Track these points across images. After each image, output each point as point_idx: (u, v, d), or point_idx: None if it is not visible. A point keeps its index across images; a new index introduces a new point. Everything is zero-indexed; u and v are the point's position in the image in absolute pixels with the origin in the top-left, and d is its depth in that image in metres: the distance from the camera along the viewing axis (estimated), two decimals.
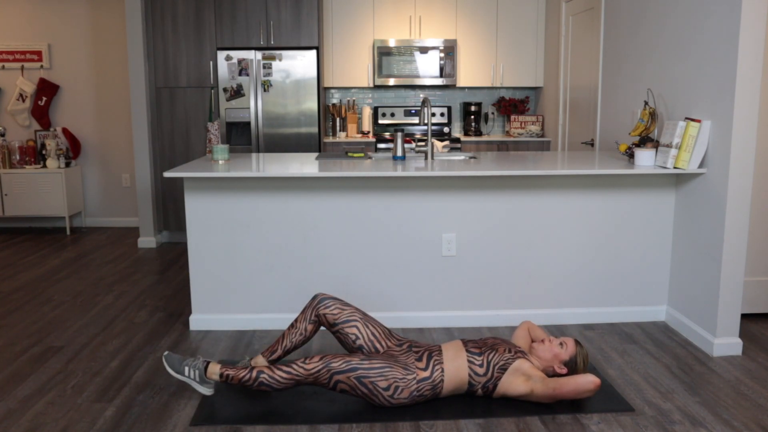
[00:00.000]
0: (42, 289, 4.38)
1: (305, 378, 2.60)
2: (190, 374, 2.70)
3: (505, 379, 2.64)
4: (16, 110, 6.34)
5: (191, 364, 2.71)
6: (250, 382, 2.62)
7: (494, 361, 2.65)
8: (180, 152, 5.66)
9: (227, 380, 2.65)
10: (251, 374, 2.62)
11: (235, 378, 2.64)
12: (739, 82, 3.02)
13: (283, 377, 2.60)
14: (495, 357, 2.66)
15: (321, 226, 3.54)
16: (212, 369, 2.69)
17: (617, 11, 4.33)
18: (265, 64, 5.53)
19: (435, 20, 6.03)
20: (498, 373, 2.64)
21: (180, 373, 2.70)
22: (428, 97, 5.17)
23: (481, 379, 2.65)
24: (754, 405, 2.70)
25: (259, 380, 2.61)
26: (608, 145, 4.52)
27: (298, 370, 2.60)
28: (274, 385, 2.61)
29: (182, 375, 2.70)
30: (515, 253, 3.60)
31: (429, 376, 2.62)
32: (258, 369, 2.62)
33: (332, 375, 2.58)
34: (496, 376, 2.64)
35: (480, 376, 2.64)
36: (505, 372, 2.64)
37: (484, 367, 2.64)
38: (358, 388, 2.58)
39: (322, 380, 2.60)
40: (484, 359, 2.66)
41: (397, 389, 2.59)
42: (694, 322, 3.42)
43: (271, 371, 2.61)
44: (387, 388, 2.58)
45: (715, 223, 3.22)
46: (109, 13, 6.29)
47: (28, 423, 2.56)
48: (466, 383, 2.66)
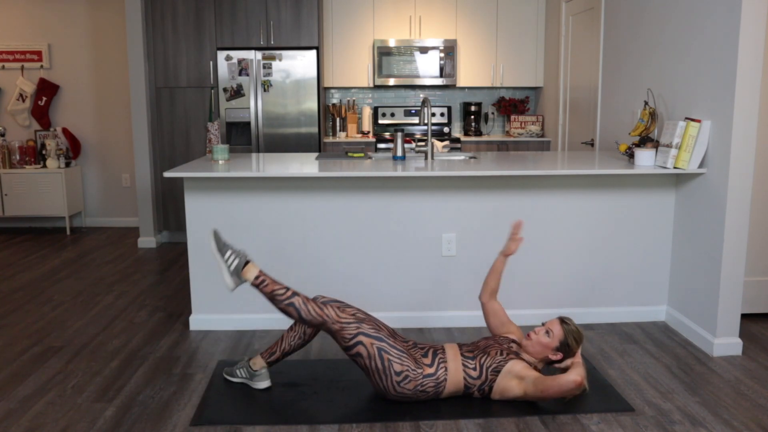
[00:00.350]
0: (42, 289, 4.38)
1: (332, 323, 2.61)
2: (229, 260, 2.66)
3: (498, 381, 2.65)
4: (16, 110, 6.34)
5: (236, 251, 2.68)
6: (282, 298, 2.62)
7: (486, 364, 2.65)
8: (180, 152, 5.66)
9: (260, 285, 2.65)
10: (287, 292, 2.64)
11: (268, 287, 2.64)
12: (739, 82, 3.02)
13: (314, 310, 2.62)
14: (487, 360, 2.66)
15: (321, 226, 3.54)
16: (250, 268, 2.67)
17: (617, 11, 4.33)
18: (265, 64, 5.53)
19: (435, 20, 6.03)
20: (492, 375, 2.65)
21: (221, 253, 2.67)
22: (428, 97, 5.17)
23: (476, 382, 2.66)
24: (754, 405, 2.70)
25: (291, 301, 2.62)
26: (608, 145, 4.52)
27: (329, 312, 2.62)
28: (301, 313, 2.62)
29: (221, 255, 2.67)
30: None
31: (434, 373, 2.63)
32: (293, 291, 2.66)
33: (358, 334, 2.60)
34: (490, 378, 2.65)
35: (474, 379, 2.65)
36: (498, 374, 2.64)
37: (478, 371, 2.65)
38: (375, 359, 2.59)
39: (346, 334, 2.60)
40: (477, 363, 2.66)
41: (406, 378, 2.60)
42: (694, 322, 3.42)
43: (305, 300, 2.64)
44: (399, 373, 2.60)
45: (715, 223, 3.22)
46: (109, 13, 6.30)
47: (28, 423, 2.56)
48: (463, 387, 2.67)
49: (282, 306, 2.65)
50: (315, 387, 2.87)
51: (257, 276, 2.66)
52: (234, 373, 2.90)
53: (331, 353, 3.28)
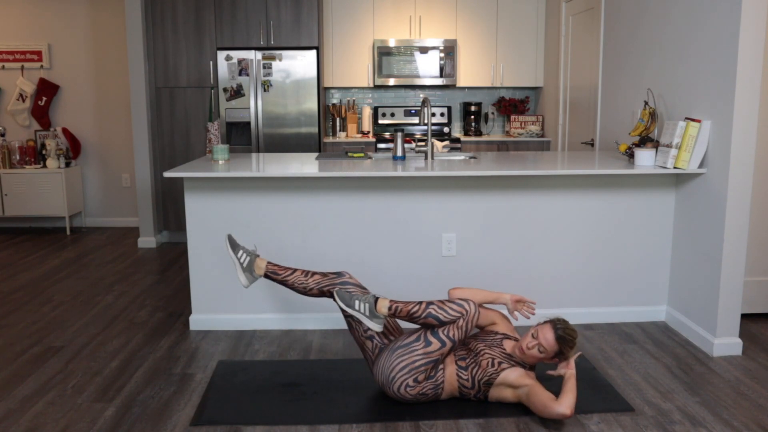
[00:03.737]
0: (42, 289, 4.38)
1: (468, 320, 2.62)
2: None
3: (492, 392, 2.65)
4: (16, 110, 6.34)
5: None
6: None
7: (478, 377, 2.64)
8: (180, 152, 5.66)
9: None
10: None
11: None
12: (739, 82, 3.02)
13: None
14: (479, 372, 2.64)
15: (321, 226, 3.54)
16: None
17: (617, 11, 4.33)
18: (265, 64, 5.53)
19: (435, 20, 6.03)
20: (484, 387, 2.65)
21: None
22: (428, 97, 5.17)
23: (470, 392, 2.67)
24: (754, 405, 2.70)
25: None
26: (608, 145, 4.52)
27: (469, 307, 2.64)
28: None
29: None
30: (515, 253, 3.60)
31: (433, 376, 2.64)
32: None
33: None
34: (483, 389, 2.66)
35: (468, 389, 2.67)
36: (490, 387, 2.64)
37: (470, 382, 2.66)
38: (430, 356, 2.61)
39: (460, 326, 2.62)
40: (469, 375, 2.65)
41: (416, 385, 2.61)
42: (694, 322, 3.42)
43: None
44: (418, 380, 2.61)
45: (715, 223, 3.22)
46: (109, 13, 6.29)
47: (28, 423, 2.56)
48: (458, 393, 2.69)
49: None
50: (315, 387, 2.87)
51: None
52: (237, 250, 2.89)
53: (331, 353, 3.28)
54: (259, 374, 3.00)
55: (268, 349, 3.33)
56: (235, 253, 2.87)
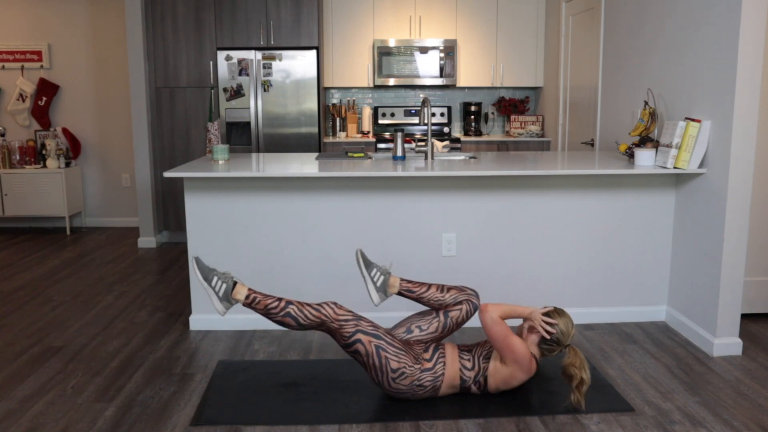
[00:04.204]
0: (42, 289, 4.38)
1: (330, 322, 2.62)
2: (216, 285, 2.66)
3: (490, 367, 2.67)
4: (16, 110, 6.34)
5: (221, 275, 2.68)
6: (276, 311, 2.62)
7: (478, 353, 2.71)
8: (180, 152, 5.66)
9: (252, 303, 2.65)
10: (279, 303, 2.63)
11: (261, 303, 2.63)
12: (739, 82, 3.02)
13: (311, 314, 2.62)
14: (479, 350, 2.73)
15: (321, 226, 3.54)
16: (239, 289, 2.67)
17: (617, 11, 4.33)
18: (265, 64, 5.53)
19: (435, 20, 6.03)
20: (483, 363, 2.68)
21: (207, 281, 2.66)
22: (428, 97, 5.17)
23: (471, 374, 2.68)
24: (754, 405, 2.70)
25: (286, 311, 2.61)
26: (608, 145, 4.52)
27: (327, 311, 2.62)
28: (299, 320, 2.62)
29: (208, 284, 2.66)
30: (515, 253, 3.60)
31: (432, 367, 2.65)
32: (286, 300, 2.65)
33: (357, 332, 2.61)
34: (483, 366, 2.67)
35: (469, 371, 2.68)
36: (489, 360, 2.68)
37: (472, 362, 2.69)
38: (372, 356, 2.61)
39: (345, 332, 2.61)
40: (471, 355, 2.72)
41: (402, 375, 2.61)
42: (694, 322, 3.42)
43: (300, 306, 2.63)
44: (395, 370, 2.61)
45: (715, 223, 3.22)
46: (109, 13, 6.29)
47: (28, 423, 2.56)
48: (459, 379, 2.69)
49: (278, 319, 2.66)
50: (315, 387, 2.87)
51: (247, 295, 2.68)
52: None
53: (331, 353, 3.28)
54: (259, 374, 3.00)
55: (268, 349, 3.33)
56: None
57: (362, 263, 2.86)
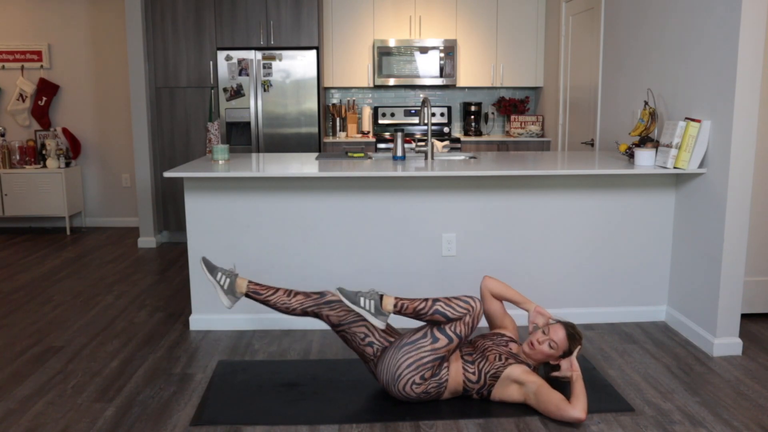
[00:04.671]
0: (42, 289, 4.38)
1: (473, 316, 2.60)
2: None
3: (497, 386, 2.65)
4: (16, 110, 6.34)
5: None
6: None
7: (485, 370, 2.65)
8: (180, 152, 5.66)
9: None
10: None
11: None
12: (739, 82, 3.02)
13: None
14: (486, 366, 2.66)
15: (321, 226, 3.54)
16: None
17: (617, 11, 4.33)
18: (265, 64, 5.53)
19: (435, 20, 6.03)
20: (490, 380, 2.65)
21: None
22: (428, 97, 5.17)
23: (475, 386, 2.67)
24: (754, 405, 2.70)
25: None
26: (608, 145, 4.52)
27: (474, 304, 2.62)
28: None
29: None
30: (515, 253, 3.60)
31: (437, 373, 2.63)
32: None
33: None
34: (489, 383, 2.65)
35: (473, 383, 2.66)
36: (497, 380, 2.65)
37: (477, 375, 2.66)
38: (438, 353, 2.60)
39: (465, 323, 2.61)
40: (476, 368, 2.66)
41: (422, 383, 2.61)
42: (694, 322, 3.42)
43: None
44: (424, 377, 2.60)
45: (715, 223, 3.22)
46: (109, 13, 6.29)
47: (28, 423, 2.56)
48: (462, 389, 2.68)
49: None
50: (315, 387, 2.87)
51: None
52: (215, 273, 2.78)
53: (331, 353, 3.28)
54: (259, 374, 3.00)
55: (268, 349, 3.33)
56: (213, 276, 2.77)
57: (206, 269, 2.80)
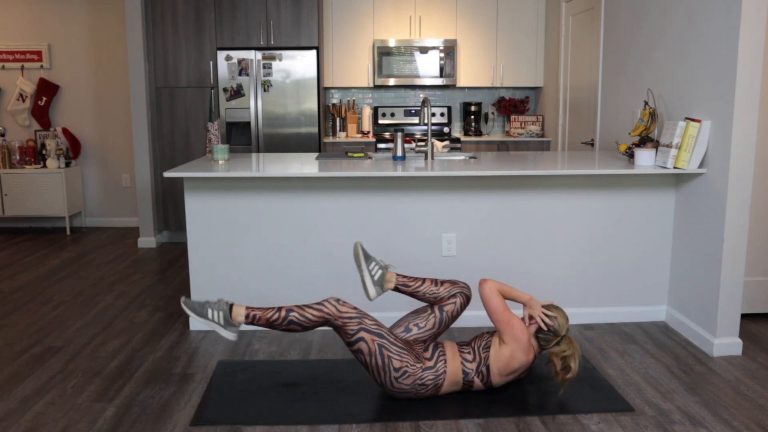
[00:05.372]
0: (42, 289, 4.38)
1: (335, 319, 2.61)
2: (214, 317, 2.65)
3: (491, 355, 2.68)
4: (16, 110, 6.34)
5: (214, 306, 2.66)
6: (279, 321, 2.61)
7: (477, 345, 2.73)
8: (180, 152, 5.66)
9: (253, 321, 2.65)
10: (279, 314, 2.62)
11: (262, 318, 2.63)
12: (739, 82, 3.02)
13: (314, 315, 2.61)
14: (477, 341, 2.75)
15: (321, 226, 3.54)
16: (237, 311, 2.66)
17: (617, 11, 4.33)
18: (265, 64, 5.53)
19: (435, 20, 6.03)
20: (484, 352, 2.69)
21: (203, 317, 2.65)
22: (428, 97, 5.17)
23: (472, 365, 2.68)
24: (754, 405, 2.70)
25: (288, 319, 2.61)
26: (608, 145, 4.52)
27: (329, 309, 2.62)
28: (304, 324, 2.62)
29: (205, 318, 2.65)
30: (515, 253, 3.60)
31: (433, 366, 2.65)
32: (286, 308, 2.64)
33: (361, 329, 2.61)
34: (483, 356, 2.69)
35: (470, 363, 2.69)
36: (489, 350, 2.69)
37: (472, 354, 2.70)
38: (375, 355, 2.60)
39: (348, 329, 2.61)
40: (470, 348, 2.73)
41: (405, 374, 2.62)
42: (694, 322, 3.42)
43: (300, 310, 2.63)
44: (397, 369, 2.61)
45: (715, 223, 3.22)
46: (109, 13, 6.29)
47: (28, 423, 2.56)
48: (461, 373, 2.69)
49: (283, 328, 2.66)
50: (315, 387, 2.87)
51: (246, 315, 2.67)
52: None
53: (331, 353, 3.28)
54: (259, 374, 3.00)
55: (268, 349, 3.33)
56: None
57: (362, 256, 2.84)
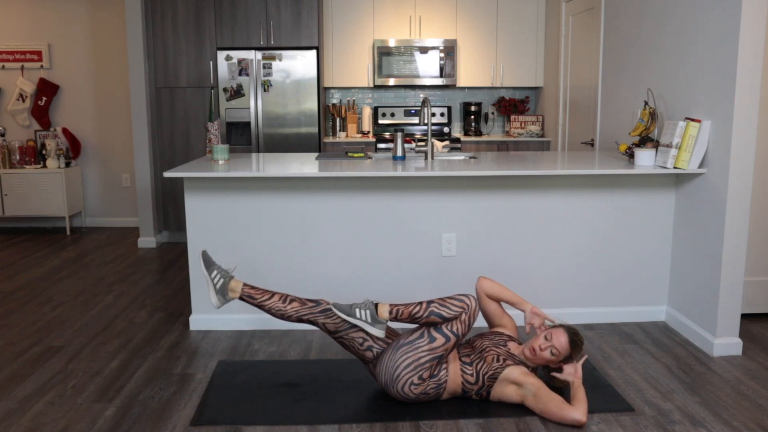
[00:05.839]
0: (42, 289, 4.38)
1: (471, 315, 2.60)
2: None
3: (495, 387, 2.65)
4: (16, 110, 6.34)
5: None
6: (420, 314, 2.60)
7: (483, 371, 2.65)
8: (180, 152, 5.66)
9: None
10: (420, 307, 2.62)
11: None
12: (739, 82, 3.02)
13: (455, 306, 2.61)
14: (484, 367, 2.65)
15: (321, 226, 3.54)
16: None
17: (617, 11, 4.33)
18: (265, 64, 5.53)
19: (435, 20, 6.03)
20: (489, 382, 2.65)
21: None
22: (428, 97, 5.17)
23: (473, 387, 2.66)
24: (754, 405, 2.70)
25: (430, 309, 2.62)
26: (608, 145, 4.52)
27: (471, 303, 2.61)
28: (444, 315, 2.60)
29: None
30: (515, 253, 3.60)
31: (436, 375, 2.63)
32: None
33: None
34: (487, 384, 2.65)
35: (471, 384, 2.66)
36: (495, 381, 2.64)
37: (475, 377, 2.65)
38: (434, 352, 2.59)
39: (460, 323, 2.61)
40: (474, 369, 2.66)
41: (419, 384, 2.61)
42: (694, 322, 3.42)
43: (441, 302, 2.62)
44: (421, 377, 2.60)
45: (715, 223, 3.22)
46: (109, 13, 6.30)
47: (28, 423, 2.56)
48: (461, 390, 2.68)
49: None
50: (315, 387, 2.87)
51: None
52: (211, 270, 2.76)
53: (331, 353, 3.28)
54: (259, 374, 3.00)
55: (268, 349, 3.33)
56: (209, 273, 2.75)
57: (203, 263, 2.79)
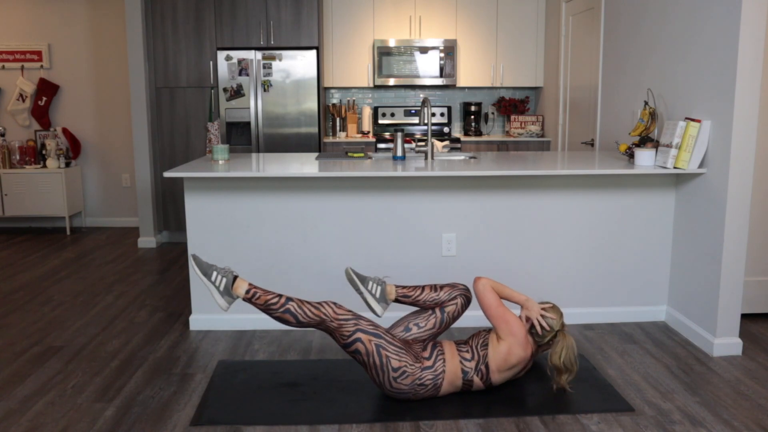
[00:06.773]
0: (42, 289, 4.38)
1: (330, 321, 2.62)
2: (216, 280, 2.67)
3: (489, 353, 2.69)
4: (16, 110, 6.34)
5: (220, 271, 2.70)
6: (276, 307, 2.62)
7: (474, 343, 2.73)
8: (180, 152, 5.66)
9: (252, 298, 2.66)
10: (279, 299, 2.63)
11: (261, 298, 2.65)
12: (739, 82, 3.02)
13: (311, 312, 2.63)
14: (475, 340, 2.76)
15: (321, 226, 3.54)
16: (240, 284, 2.69)
17: (617, 11, 4.33)
18: (265, 64, 5.53)
19: (435, 20, 6.03)
20: (482, 350, 2.69)
21: (206, 276, 2.67)
22: (428, 97, 5.17)
23: (471, 364, 2.69)
24: (754, 405, 2.70)
25: (286, 307, 2.62)
26: (608, 145, 4.52)
27: (326, 310, 2.63)
28: (299, 317, 2.63)
29: (208, 280, 2.67)
30: (515, 253, 3.60)
31: (432, 365, 2.65)
32: (286, 297, 2.67)
33: (357, 330, 2.62)
34: (482, 354, 2.69)
35: (469, 361, 2.69)
36: (487, 347, 2.69)
37: (470, 352, 2.71)
38: (373, 355, 2.61)
39: (344, 331, 2.61)
40: (469, 346, 2.74)
41: (404, 374, 2.62)
42: (694, 322, 3.42)
43: (300, 303, 2.64)
44: (396, 369, 2.61)
45: (715, 223, 3.22)
46: (109, 13, 6.30)
47: (28, 423, 2.56)
48: (461, 372, 2.69)
49: (278, 315, 2.68)
50: (315, 387, 2.87)
51: (248, 290, 2.70)
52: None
53: (331, 353, 3.28)
54: (259, 374, 3.01)
55: (268, 349, 3.33)
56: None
57: (357, 279, 2.84)
